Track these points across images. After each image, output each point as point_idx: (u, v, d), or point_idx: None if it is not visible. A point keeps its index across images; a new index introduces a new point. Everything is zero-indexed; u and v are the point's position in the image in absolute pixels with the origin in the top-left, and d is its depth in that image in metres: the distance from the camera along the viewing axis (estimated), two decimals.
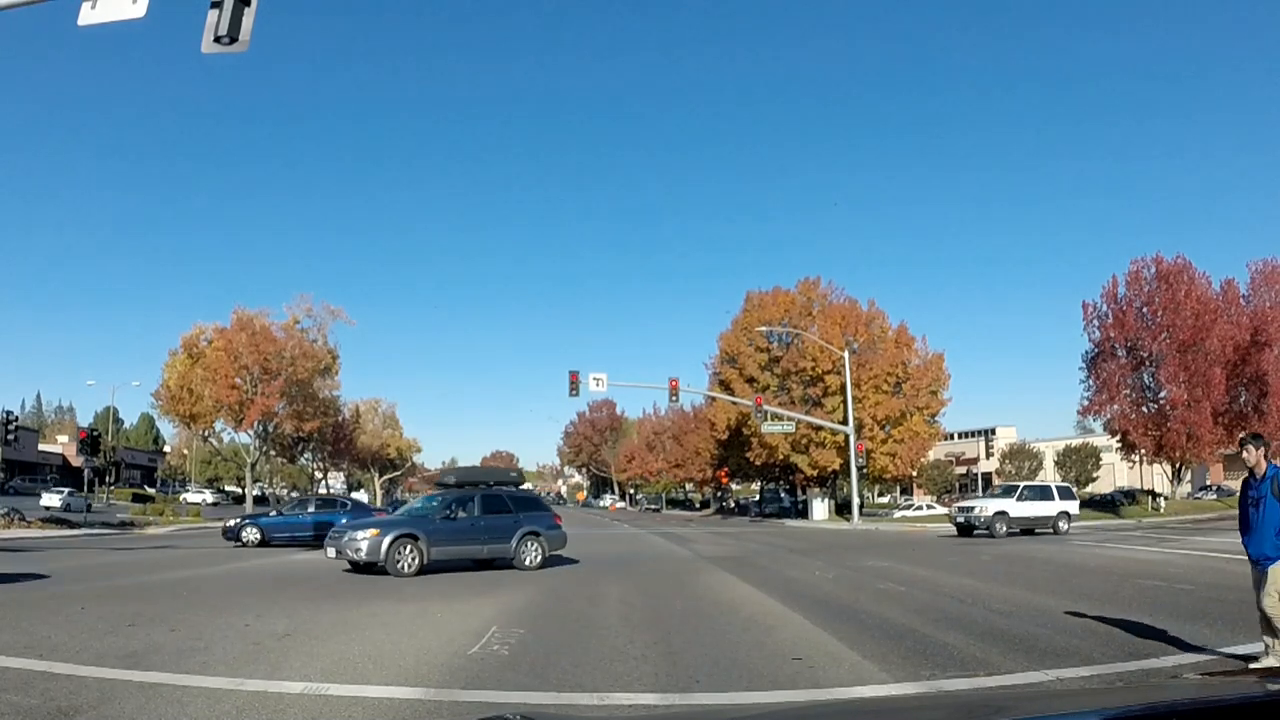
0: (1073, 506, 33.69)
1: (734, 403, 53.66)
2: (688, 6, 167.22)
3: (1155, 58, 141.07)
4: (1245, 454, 7.44)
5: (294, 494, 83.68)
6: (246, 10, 10.00)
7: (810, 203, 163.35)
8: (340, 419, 72.07)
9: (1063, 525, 32.15)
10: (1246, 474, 7.54)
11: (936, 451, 68.43)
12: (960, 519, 32.65)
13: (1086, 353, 48.68)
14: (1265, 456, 7.37)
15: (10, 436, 36.84)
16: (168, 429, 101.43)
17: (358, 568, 16.89)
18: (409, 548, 16.78)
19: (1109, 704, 2.45)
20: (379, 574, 16.28)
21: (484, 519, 18.04)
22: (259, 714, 6.07)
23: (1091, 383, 48.13)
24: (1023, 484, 35.99)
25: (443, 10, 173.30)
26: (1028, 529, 31.77)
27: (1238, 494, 7.97)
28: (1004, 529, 30.77)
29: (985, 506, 32.36)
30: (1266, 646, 7.33)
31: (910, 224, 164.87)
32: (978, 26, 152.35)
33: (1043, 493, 33.72)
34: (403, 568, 16.52)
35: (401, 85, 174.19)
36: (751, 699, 6.67)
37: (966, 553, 22.68)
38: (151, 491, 75.31)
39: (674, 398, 47.56)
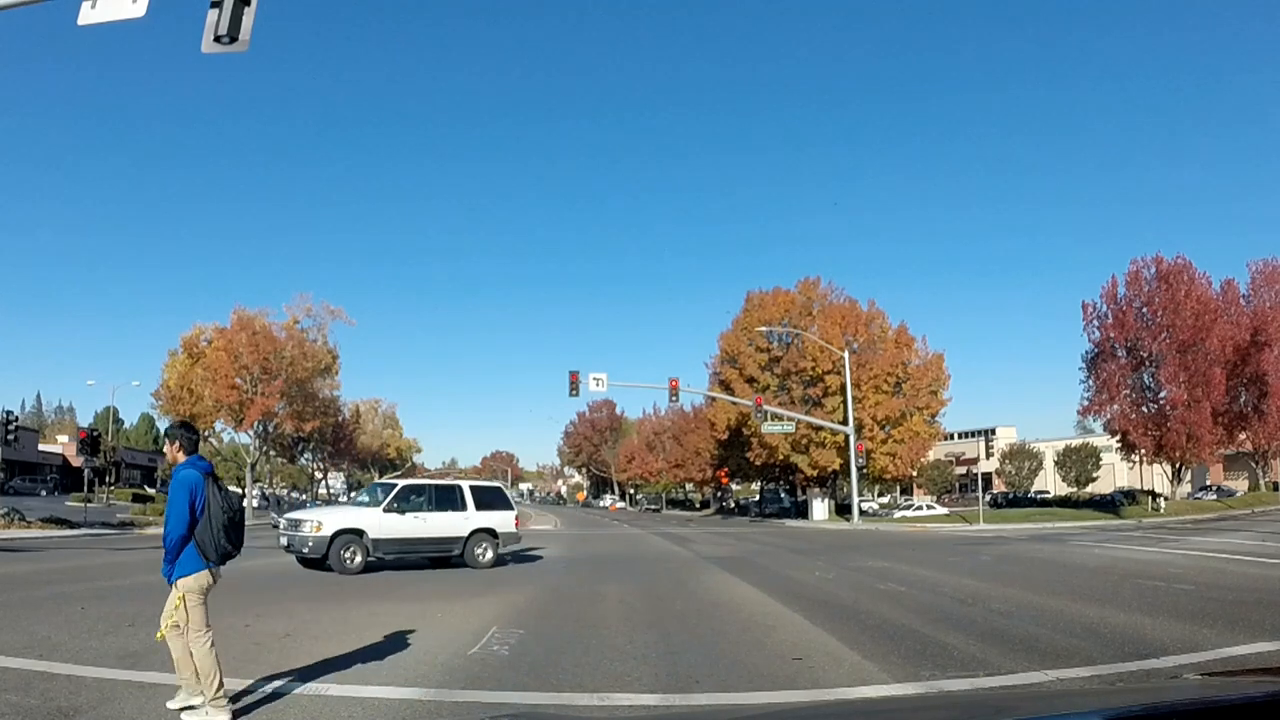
0: (504, 520, 19.88)
1: (734, 403, 53.64)
2: (687, 8, 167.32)
3: (1155, 59, 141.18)
4: (166, 450, 6.17)
5: (294, 494, 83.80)
6: (246, 10, 9.98)
7: (810, 203, 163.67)
8: (340, 419, 72.11)
9: (484, 553, 19.10)
10: None
11: (936, 451, 68.37)
12: (284, 541, 18.49)
13: (1086, 353, 48.72)
14: (183, 449, 5.99)
15: (10, 436, 36.82)
16: None
17: None
18: None
19: (1109, 704, 2.45)
20: None
21: None
22: (259, 714, 6.06)
23: (1091, 383, 48.12)
24: (404, 483, 20.63)
25: (443, 12, 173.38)
26: (419, 558, 18.78)
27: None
28: (358, 559, 17.57)
29: (322, 523, 17.92)
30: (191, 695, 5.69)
31: (910, 224, 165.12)
32: (978, 28, 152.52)
33: (445, 499, 19.51)
34: None
35: (402, 86, 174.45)
36: (752, 699, 6.67)
37: (967, 553, 22.69)
38: (152, 492, 75.18)
39: (674, 398, 47.56)
